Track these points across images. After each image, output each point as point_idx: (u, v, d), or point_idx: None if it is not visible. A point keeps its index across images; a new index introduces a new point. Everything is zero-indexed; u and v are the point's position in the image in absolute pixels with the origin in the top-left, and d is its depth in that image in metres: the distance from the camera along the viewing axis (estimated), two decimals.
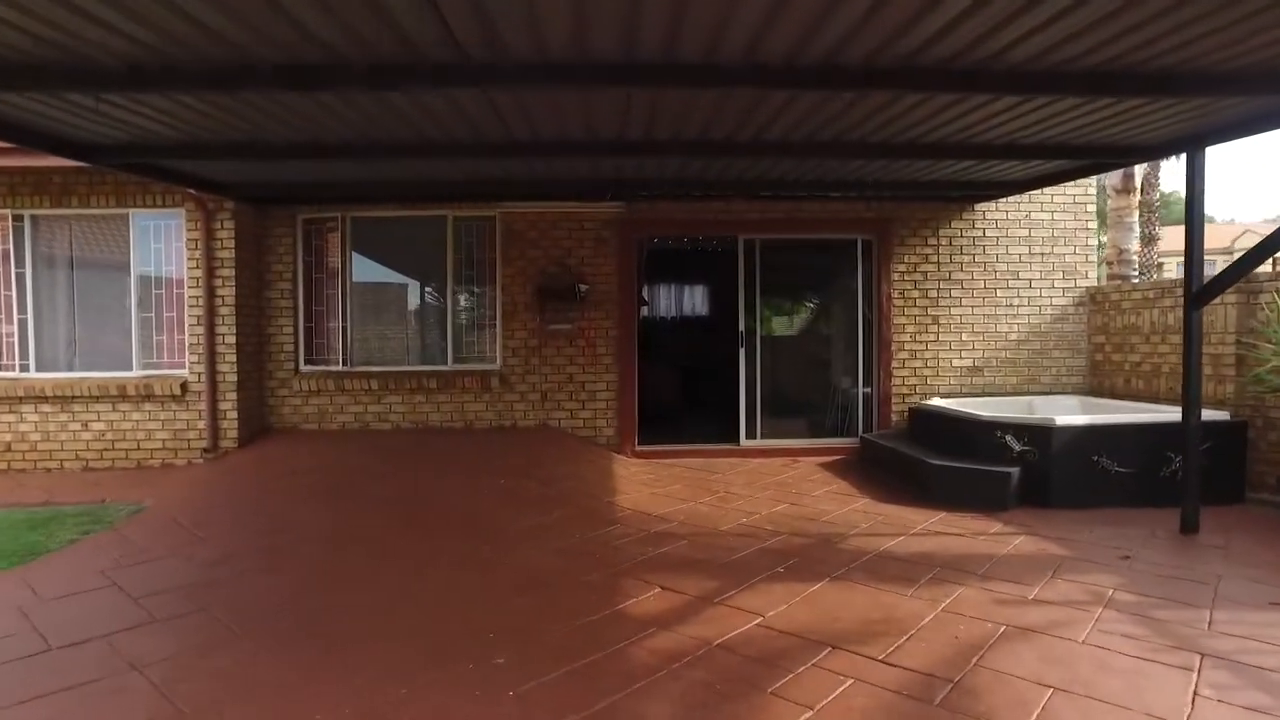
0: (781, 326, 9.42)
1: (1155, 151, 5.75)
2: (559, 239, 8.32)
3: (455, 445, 7.79)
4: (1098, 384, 8.56)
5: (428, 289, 8.70)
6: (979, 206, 8.57)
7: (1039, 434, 6.30)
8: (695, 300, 14.92)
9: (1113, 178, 9.23)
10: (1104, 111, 5.01)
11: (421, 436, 8.09)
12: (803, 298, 9.55)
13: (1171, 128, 5.29)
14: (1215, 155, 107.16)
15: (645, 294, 14.52)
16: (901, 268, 8.52)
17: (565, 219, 8.31)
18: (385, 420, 8.37)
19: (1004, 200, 8.54)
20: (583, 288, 8.20)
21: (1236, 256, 5.54)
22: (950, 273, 8.56)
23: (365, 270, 8.64)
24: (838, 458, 8.36)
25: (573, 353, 8.34)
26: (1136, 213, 9.42)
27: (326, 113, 4.95)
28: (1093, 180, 8.73)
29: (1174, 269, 31.39)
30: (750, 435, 8.58)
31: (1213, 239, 48.48)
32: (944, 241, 8.55)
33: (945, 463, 6.46)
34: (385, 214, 8.44)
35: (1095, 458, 6.26)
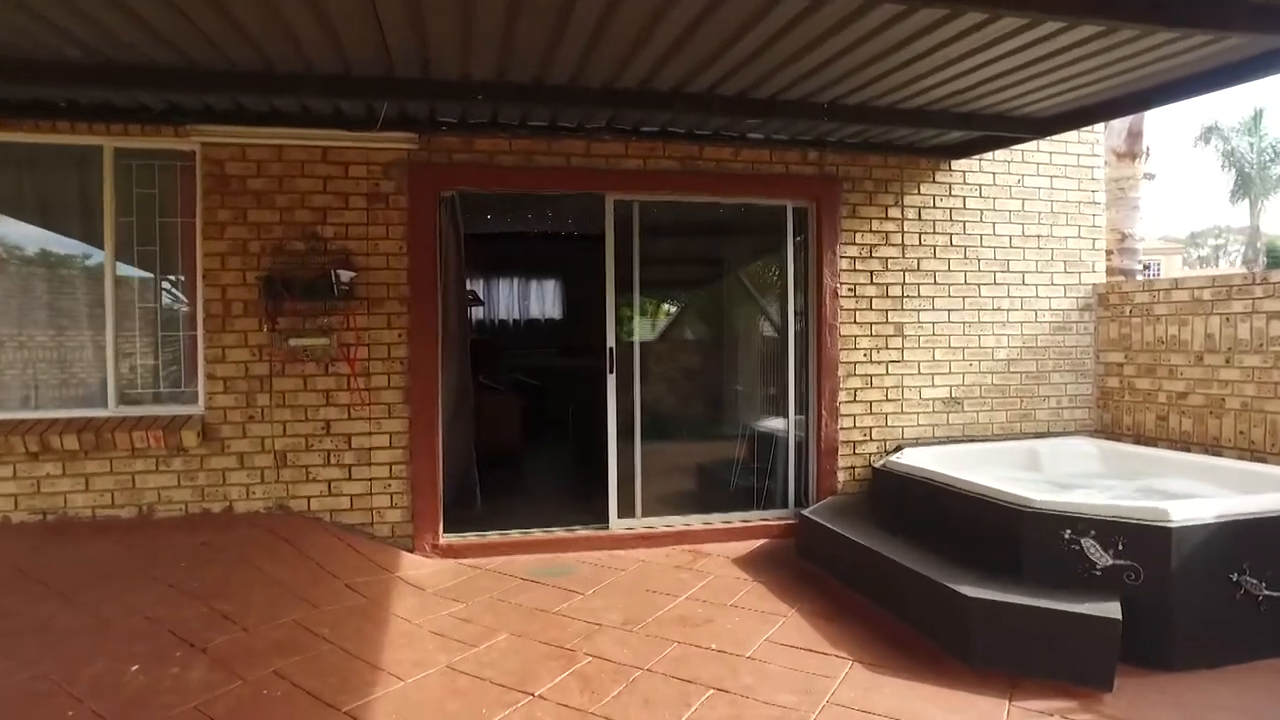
0: (671, 341, 6.40)
1: None
2: (306, 193, 4.88)
3: (96, 563, 4.20)
4: (1112, 421, 6.06)
5: (70, 275, 5.00)
6: (958, 165, 5.87)
7: (1147, 539, 3.54)
8: (542, 300, 11.69)
9: (1112, 136, 6.90)
10: None
11: (44, 542, 4.42)
12: (703, 296, 6.55)
13: None
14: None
15: (469, 288, 11.23)
16: (853, 251, 5.67)
17: (317, 159, 4.88)
18: None
19: (989, 157, 5.88)
20: (346, 276, 4.82)
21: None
22: (919, 260, 5.81)
23: None
24: (760, 544, 5.40)
25: (331, 385, 4.93)
26: (1142, 185, 7.16)
27: None
28: (1100, 135, 6.25)
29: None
30: (626, 511, 5.46)
31: None
32: (910, 214, 5.79)
33: (993, 597, 3.56)
34: None
35: (1235, 575, 3.58)
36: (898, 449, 5.66)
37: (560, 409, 9.63)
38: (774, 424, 5.93)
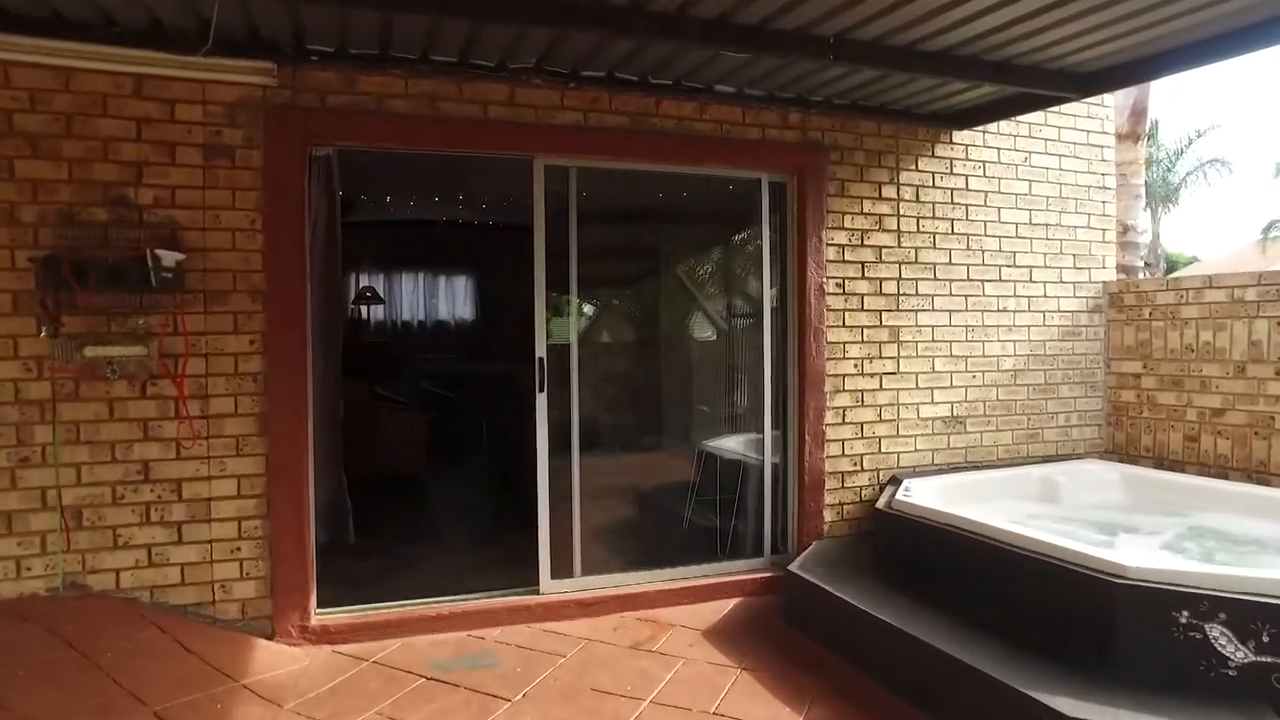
0: (617, 350, 5.22)
1: None
2: (112, 140, 3.43)
3: None
4: (1126, 440, 5.21)
5: None
6: (960, 138, 4.89)
7: None
8: (452, 299, 10.29)
9: (1114, 114, 6.08)
10: None
11: None
12: (657, 295, 5.39)
13: None
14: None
15: (367, 285, 9.77)
16: (841, 238, 4.61)
17: (127, 92, 3.45)
18: None
19: (994, 130, 4.94)
20: (171, 259, 3.41)
21: None
22: (917, 250, 4.80)
23: None
24: (733, 606, 4.26)
25: (150, 412, 3.51)
26: (1144, 171, 6.45)
27: None
28: (1110, 109, 5.41)
29: None
30: (562, 570, 4.21)
31: None
32: (908, 194, 4.77)
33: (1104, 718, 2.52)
34: None
35: None
36: (892, 480, 4.64)
37: (476, 425, 8.29)
38: (743, 450, 4.81)
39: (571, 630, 3.94)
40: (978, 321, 4.95)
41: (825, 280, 4.53)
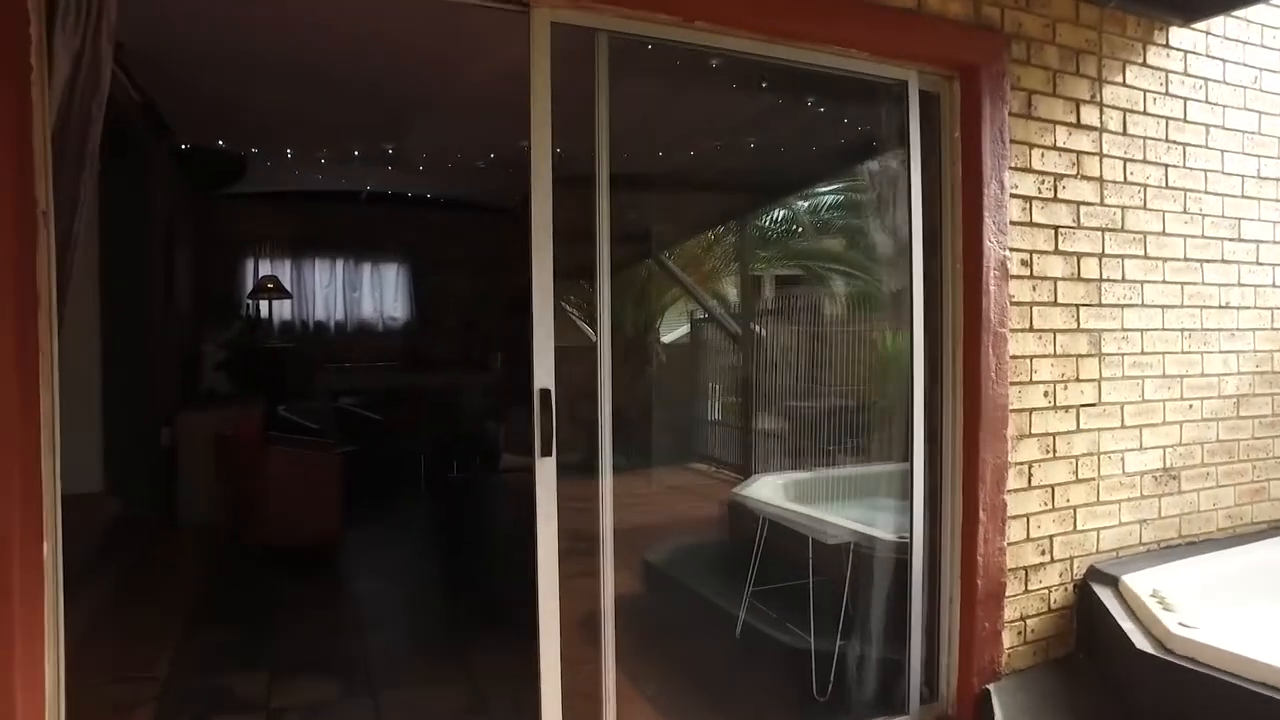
0: (662, 364, 3.38)
1: None
2: None
3: None
4: None
5: None
6: (1178, 40, 3.18)
7: None
8: (380, 293, 8.18)
9: None
10: None
11: None
12: (729, 274, 3.55)
13: None
14: None
15: (268, 275, 7.66)
16: (1027, 185, 2.83)
17: None
18: None
19: (1218, 30, 3.26)
20: None
21: None
22: (1124, 211, 3.06)
23: None
24: None
25: None
26: None
27: None
28: None
29: None
30: None
31: None
32: (1112, 122, 3.02)
33: None
34: None
35: None
36: (1094, 575, 2.90)
37: (413, 458, 6.30)
38: (864, 528, 3.00)
39: None
40: (1194, 323, 3.25)
41: (1005, 250, 2.75)
